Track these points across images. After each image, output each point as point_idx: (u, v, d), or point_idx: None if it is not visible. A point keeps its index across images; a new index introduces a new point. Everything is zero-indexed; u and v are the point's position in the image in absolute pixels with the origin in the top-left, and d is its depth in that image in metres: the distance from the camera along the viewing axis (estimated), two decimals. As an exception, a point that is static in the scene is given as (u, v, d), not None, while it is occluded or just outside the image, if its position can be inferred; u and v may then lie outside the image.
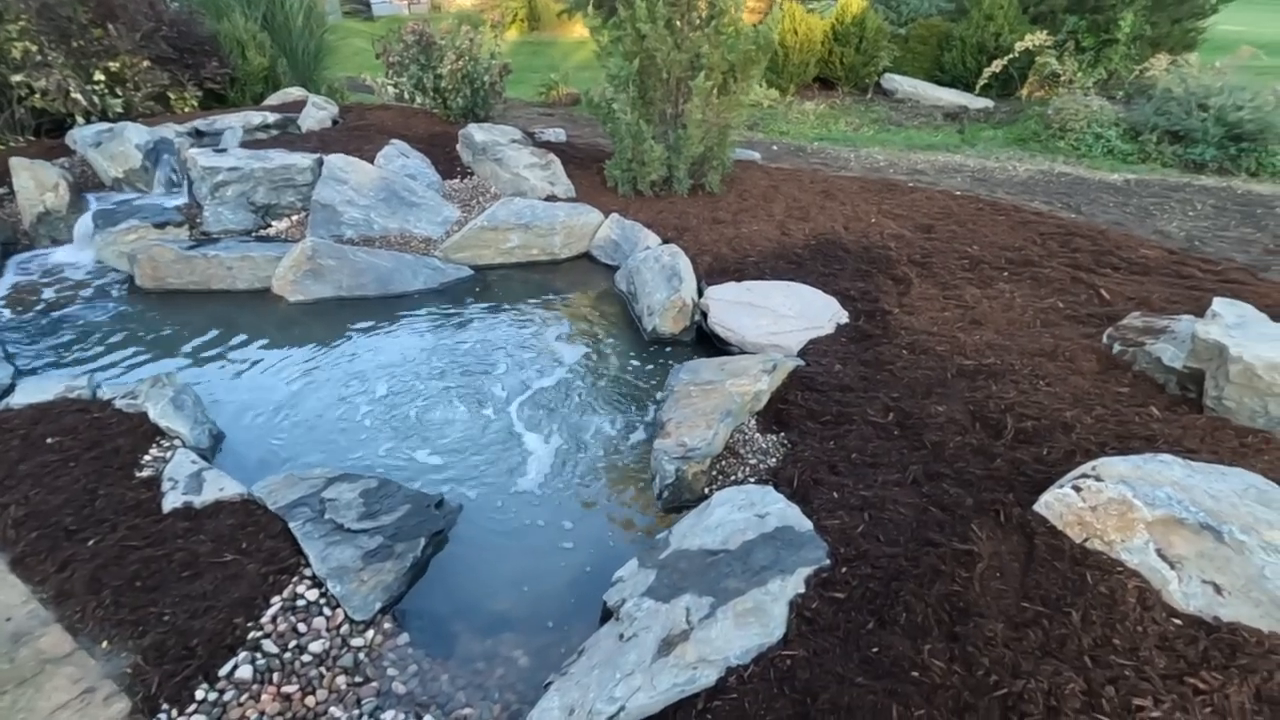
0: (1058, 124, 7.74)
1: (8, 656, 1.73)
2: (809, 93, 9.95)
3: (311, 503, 2.22)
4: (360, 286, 3.97)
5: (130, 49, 5.50)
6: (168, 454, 2.48)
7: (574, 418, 2.98)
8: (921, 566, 1.84)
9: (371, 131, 5.39)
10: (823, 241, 4.31)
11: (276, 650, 1.77)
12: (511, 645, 1.99)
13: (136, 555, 2.01)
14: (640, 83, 4.58)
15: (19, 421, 2.60)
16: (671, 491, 2.41)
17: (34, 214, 4.50)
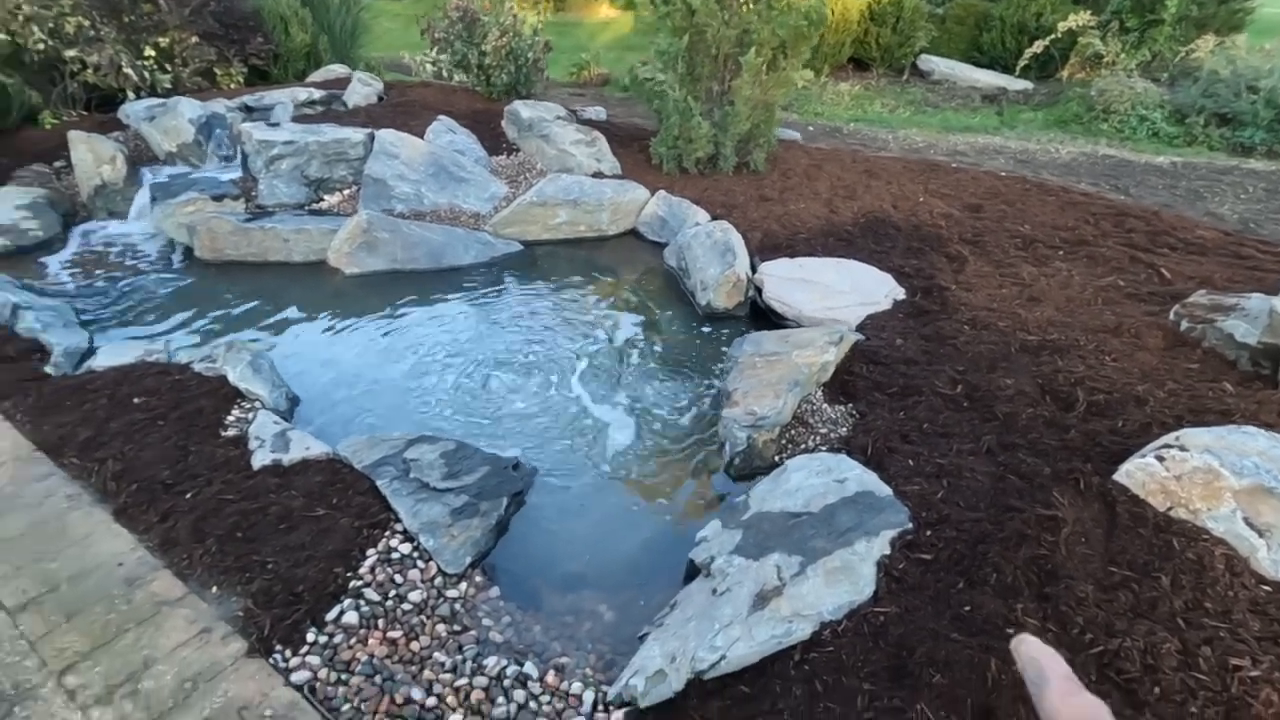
0: (1101, 106, 7.62)
1: (125, 598, 1.80)
2: (843, 74, 9.84)
3: (395, 462, 2.28)
4: (413, 260, 4.01)
5: (179, 24, 5.56)
6: (249, 415, 2.55)
7: (635, 387, 3.02)
8: (1006, 531, 1.87)
9: (416, 108, 5.43)
10: (871, 220, 4.30)
11: (378, 598, 1.83)
12: (594, 601, 2.04)
13: (234, 508, 2.08)
14: (688, 59, 4.56)
15: (103, 383, 2.67)
16: (742, 458, 2.45)
17: (91, 187, 4.59)
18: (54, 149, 5.01)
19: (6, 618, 1.74)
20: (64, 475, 2.24)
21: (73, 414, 2.49)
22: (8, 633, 1.70)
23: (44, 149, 5.08)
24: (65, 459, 2.29)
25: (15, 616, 1.74)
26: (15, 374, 2.72)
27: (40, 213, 4.24)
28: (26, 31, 5.00)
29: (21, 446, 2.35)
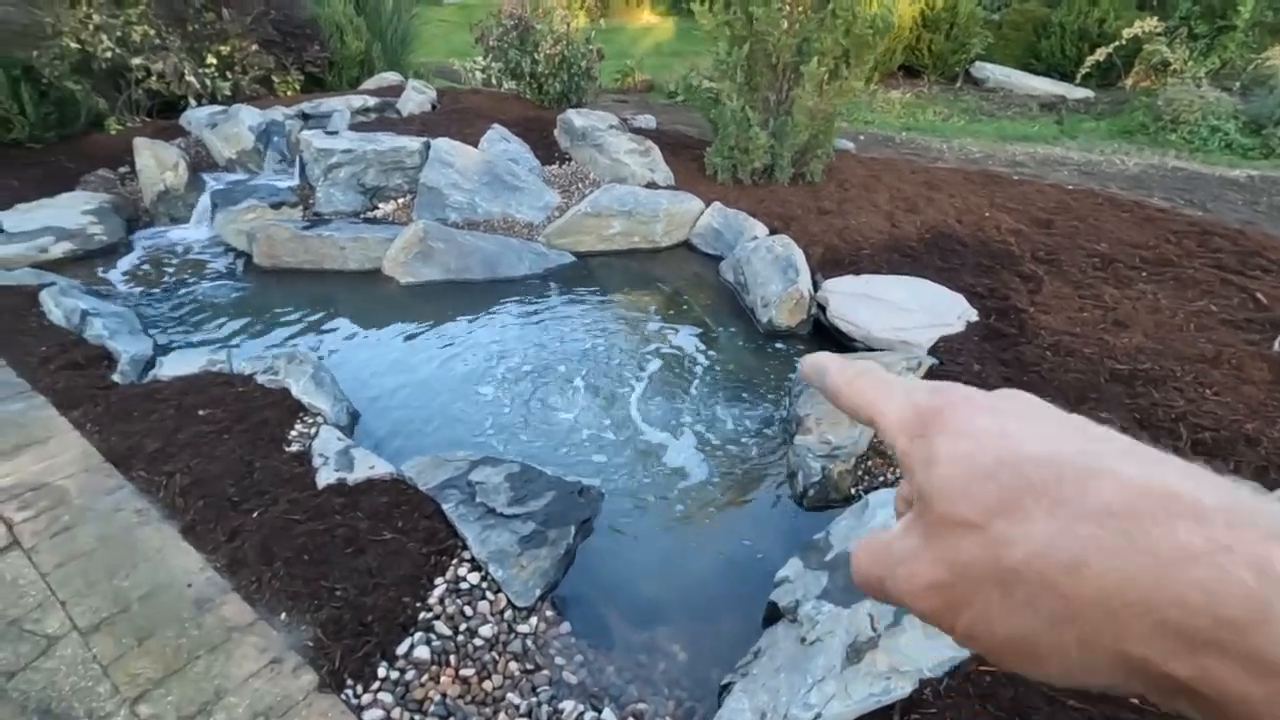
0: (1169, 116, 7.30)
1: (195, 622, 1.77)
2: (893, 81, 9.63)
3: (460, 485, 2.23)
4: (467, 270, 3.99)
5: (240, 33, 5.65)
6: (312, 430, 2.52)
7: (697, 409, 2.93)
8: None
9: (470, 115, 5.42)
10: (936, 235, 4.14)
11: (449, 632, 1.77)
12: (667, 638, 1.95)
13: (301, 529, 2.04)
14: (747, 68, 4.46)
15: (170, 392, 2.68)
16: (817, 490, 2.34)
17: (154, 192, 4.67)
18: (119, 154, 5.13)
19: (79, 639, 1.72)
20: (133, 488, 2.23)
21: (140, 424, 2.49)
22: (81, 655, 1.68)
23: (110, 154, 5.20)
24: (134, 471, 2.29)
25: (88, 638, 1.72)
26: (85, 381, 2.74)
27: (105, 218, 4.33)
28: (96, 40, 5.12)
29: (92, 457, 2.36)
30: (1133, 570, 0.22)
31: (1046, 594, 0.23)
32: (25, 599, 1.82)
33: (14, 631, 1.73)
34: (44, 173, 4.95)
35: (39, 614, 1.78)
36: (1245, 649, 0.20)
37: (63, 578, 1.89)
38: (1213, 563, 0.21)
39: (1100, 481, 0.23)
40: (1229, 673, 0.20)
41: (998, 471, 0.25)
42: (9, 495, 2.18)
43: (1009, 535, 0.24)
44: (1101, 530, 0.22)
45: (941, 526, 0.26)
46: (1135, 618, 0.21)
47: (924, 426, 0.29)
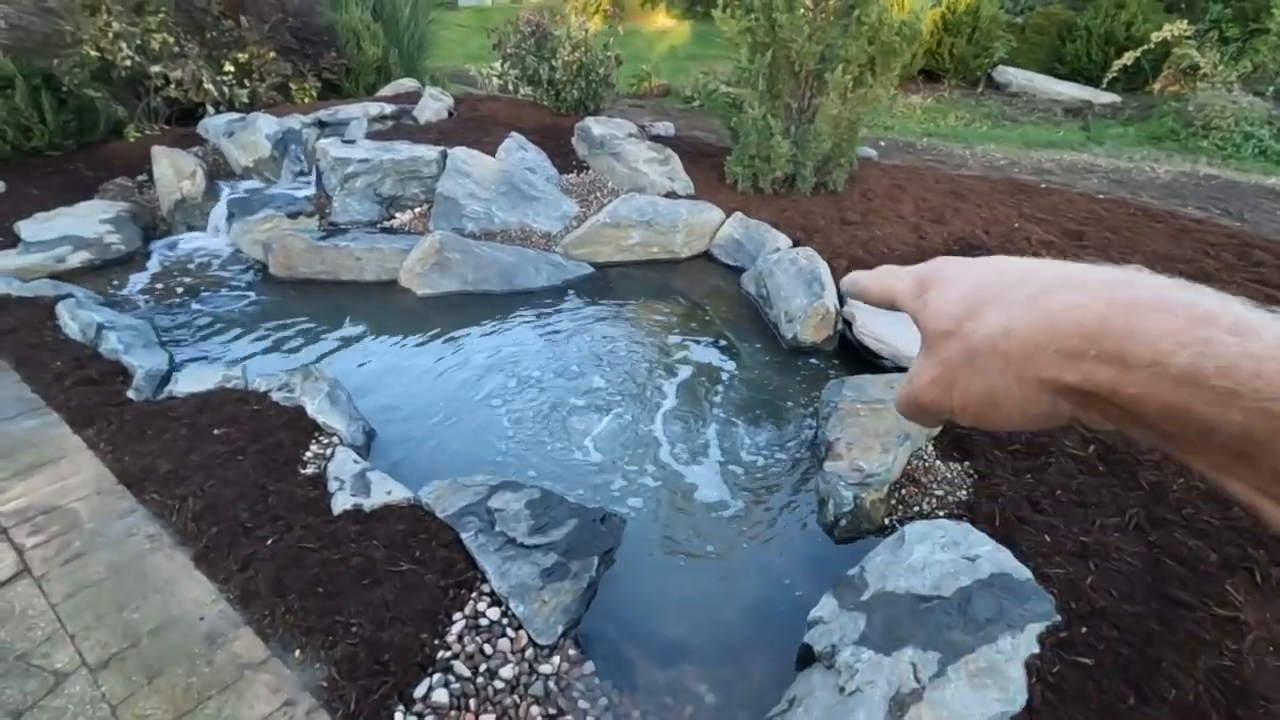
0: (1200, 121, 7.13)
1: (206, 659, 1.71)
2: (913, 86, 9.50)
3: (479, 512, 2.16)
4: (484, 281, 3.92)
5: (258, 40, 5.64)
6: (327, 450, 2.46)
7: (721, 430, 2.85)
8: (1178, 633, 1.63)
9: (487, 123, 5.37)
10: (964, 247, 4.03)
11: (468, 673, 1.70)
12: (694, 679, 1.87)
13: (315, 558, 1.98)
14: (769, 75, 4.38)
15: (184, 410, 2.63)
16: (849, 520, 2.25)
17: (172, 201, 4.66)
18: (137, 162, 5.12)
19: (88, 676, 1.66)
20: (145, 512, 2.18)
21: (154, 444, 2.45)
22: (90, 694, 1.62)
23: (128, 162, 5.20)
24: (146, 494, 2.24)
25: (97, 675, 1.67)
26: (99, 398, 2.70)
27: (123, 227, 4.31)
28: (115, 48, 5.12)
29: (104, 478, 2.31)
30: (1038, 324, 0.32)
31: (993, 356, 0.34)
32: (34, 631, 1.77)
33: (21, 667, 1.68)
34: (63, 181, 4.96)
35: (47, 648, 1.73)
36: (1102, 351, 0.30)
37: (72, 609, 1.83)
38: (1082, 305, 0.31)
39: (1029, 280, 0.34)
40: (1100, 371, 0.30)
41: (964, 296, 0.37)
42: (21, 519, 2.13)
43: (971, 329, 0.35)
44: (1024, 307, 0.33)
45: (932, 341, 0.39)
46: (1042, 351, 0.32)
47: (922, 288, 0.41)
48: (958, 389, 0.37)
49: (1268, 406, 0.26)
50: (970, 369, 0.36)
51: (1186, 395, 0.28)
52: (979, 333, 0.35)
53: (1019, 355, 0.33)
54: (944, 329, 0.37)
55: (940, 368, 0.38)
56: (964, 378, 0.36)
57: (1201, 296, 0.30)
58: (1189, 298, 0.30)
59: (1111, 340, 0.30)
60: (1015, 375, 0.33)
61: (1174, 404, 0.28)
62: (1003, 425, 0.36)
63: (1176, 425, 0.29)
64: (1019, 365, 0.33)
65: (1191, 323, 0.28)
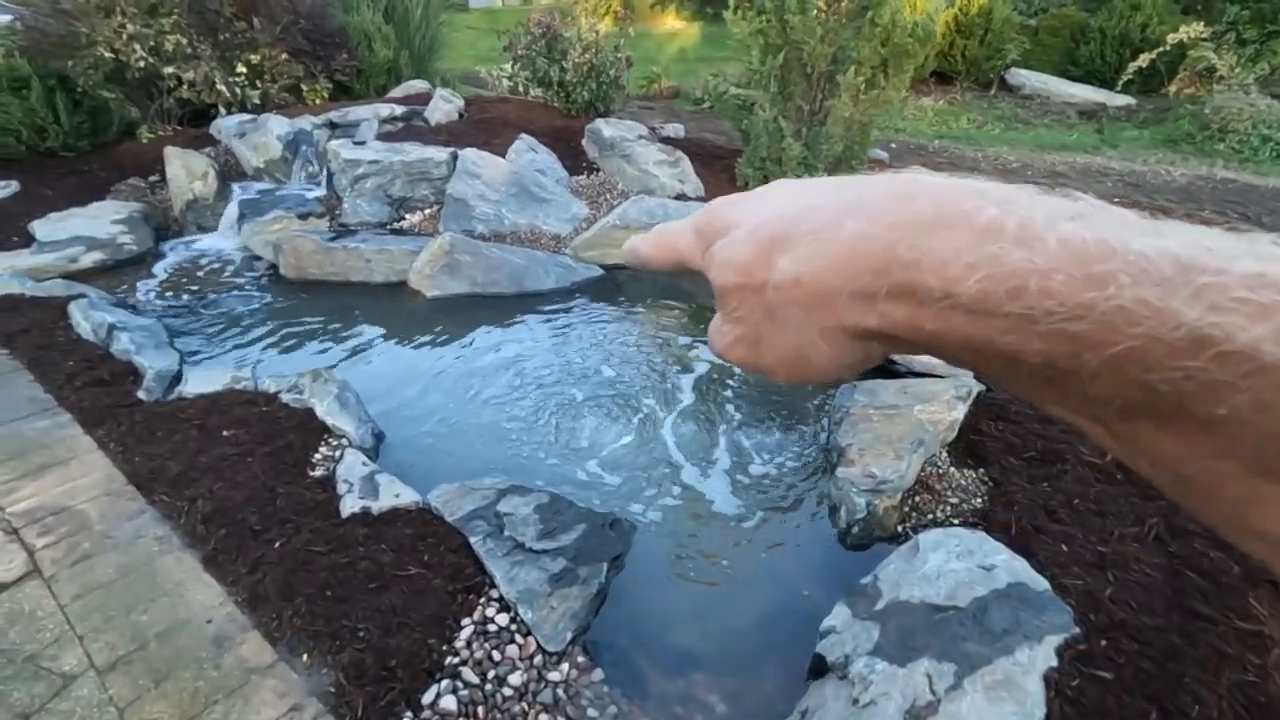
0: (1216, 124, 7.05)
1: (213, 662, 1.70)
2: (924, 88, 9.44)
3: (487, 516, 2.14)
4: (494, 283, 3.92)
5: (270, 42, 5.67)
6: (336, 453, 2.46)
7: (731, 434, 2.82)
8: (1200, 647, 1.59)
9: (497, 125, 5.37)
10: (978, 251, 3.99)
11: (476, 680, 1.68)
12: (704, 688, 1.85)
13: (323, 562, 1.97)
14: (781, 77, 4.35)
15: (194, 411, 2.63)
16: (861, 527, 2.22)
17: (184, 201, 4.68)
18: (150, 163, 5.16)
19: (96, 679, 1.65)
20: (154, 513, 2.18)
21: (164, 445, 2.45)
22: (97, 697, 1.61)
23: (141, 162, 5.24)
24: (156, 495, 2.23)
25: (104, 677, 1.66)
26: (110, 399, 2.70)
27: (135, 227, 4.34)
28: (129, 49, 5.15)
29: (114, 479, 2.31)
30: (828, 264, 0.28)
31: (790, 307, 0.30)
32: (43, 633, 1.77)
33: (30, 669, 1.67)
34: (77, 181, 5.00)
35: (56, 649, 1.73)
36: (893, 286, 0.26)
37: (81, 610, 1.83)
38: (867, 234, 0.27)
39: (812, 215, 0.30)
40: (895, 310, 0.27)
41: (749, 241, 0.32)
42: (31, 519, 2.13)
43: (763, 279, 0.31)
44: (810, 247, 0.29)
45: (724, 296, 0.34)
46: (837, 296, 0.28)
47: (706, 241, 0.36)
48: (763, 347, 0.33)
49: (1063, 328, 0.23)
50: (771, 324, 0.32)
51: (983, 327, 0.25)
52: (771, 283, 0.31)
53: (814, 304, 0.29)
54: (734, 282, 0.32)
55: (740, 325, 0.33)
56: (767, 334, 0.32)
57: (983, 198, 0.26)
58: (970, 204, 0.26)
59: (900, 273, 0.26)
60: (817, 327, 0.30)
61: (974, 338, 0.25)
62: (817, 379, 0.33)
63: (982, 359, 0.26)
64: (818, 315, 0.29)
65: (977, 238, 0.25)
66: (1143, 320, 0.22)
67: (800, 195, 0.32)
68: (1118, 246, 0.23)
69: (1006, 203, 0.25)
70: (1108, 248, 0.23)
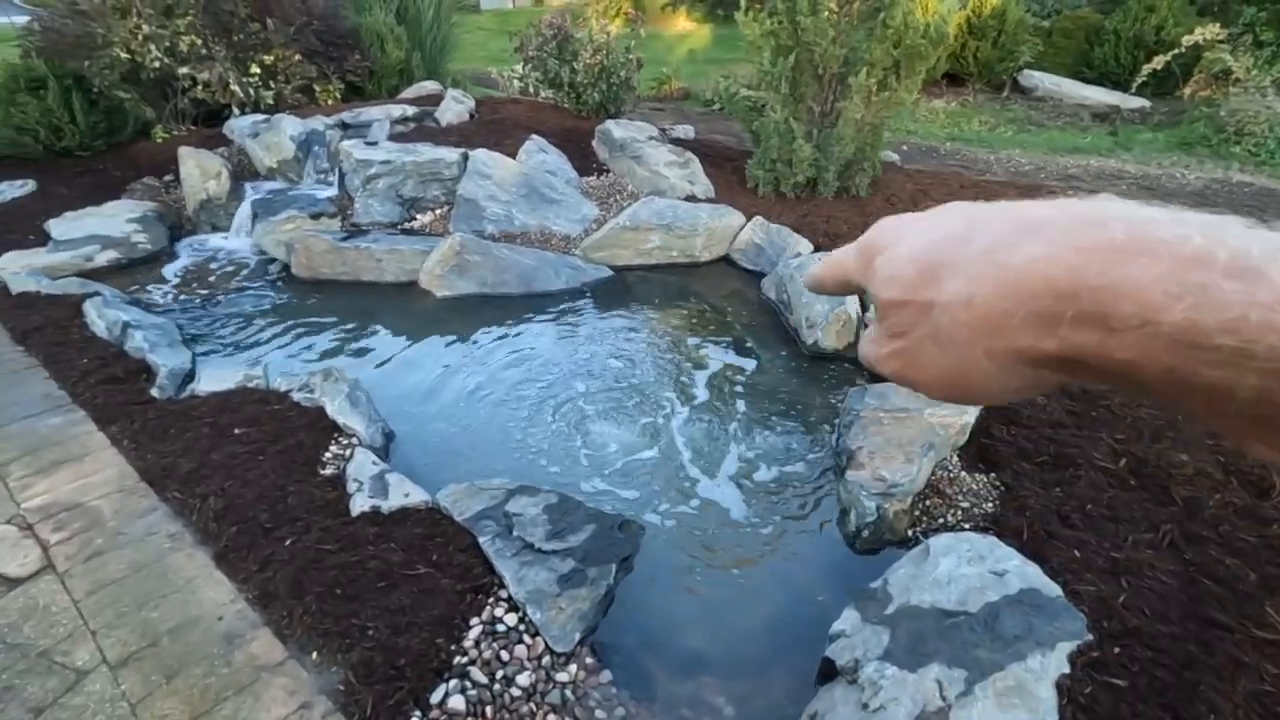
0: (1232, 127, 6.97)
1: (224, 659, 1.71)
2: (936, 89, 9.40)
3: (496, 516, 2.14)
4: (503, 284, 3.93)
5: (283, 42, 5.71)
6: (346, 451, 2.47)
7: (741, 435, 2.82)
8: (1217, 655, 1.57)
9: (508, 126, 5.39)
10: (990, 253, 3.96)
11: (485, 680, 1.68)
12: (712, 690, 1.84)
13: (333, 560, 1.98)
14: (792, 79, 4.34)
15: (206, 409, 2.65)
16: (871, 531, 2.20)
17: (197, 201, 4.72)
18: (164, 162, 5.20)
19: (109, 674, 1.67)
20: (167, 510, 2.19)
21: (176, 442, 2.46)
22: (110, 692, 1.62)
23: (156, 162, 5.28)
24: (168, 492, 2.25)
25: (117, 673, 1.67)
26: (124, 396, 2.73)
27: (149, 226, 4.37)
28: (145, 50, 5.20)
29: (127, 476, 2.33)
30: (1002, 286, 0.28)
31: (957, 328, 0.30)
32: (56, 628, 1.78)
33: (44, 664, 1.69)
34: (92, 180, 5.05)
35: (69, 645, 1.74)
36: (1080, 311, 0.26)
37: (94, 606, 1.85)
38: (1048, 257, 0.27)
39: (980, 234, 0.30)
40: (1081, 335, 0.26)
41: (912, 260, 0.32)
42: (45, 515, 2.16)
43: (929, 298, 0.31)
44: (981, 268, 0.29)
45: (885, 310, 0.35)
46: (1010, 319, 0.28)
47: (868, 259, 0.36)
48: (923, 365, 0.33)
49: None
50: (935, 343, 0.32)
51: (1188, 357, 0.24)
52: (938, 302, 0.31)
53: (985, 326, 0.29)
54: (897, 298, 0.33)
55: (899, 341, 0.34)
56: (928, 353, 0.33)
57: (1186, 227, 0.25)
58: (1173, 233, 0.25)
59: (1089, 297, 0.25)
60: (984, 349, 0.29)
61: (1175, 368, 0.24)
62: (979, 400, 0.34)
63: (1181, 390, 0.25)
64: (987, 337, 0.29)
65: (1180, 266, 0.24)
66: None
67: (970, 216, 0.32)
68: None
69: (1214, 230, 0.25)
70: None
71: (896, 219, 0.37)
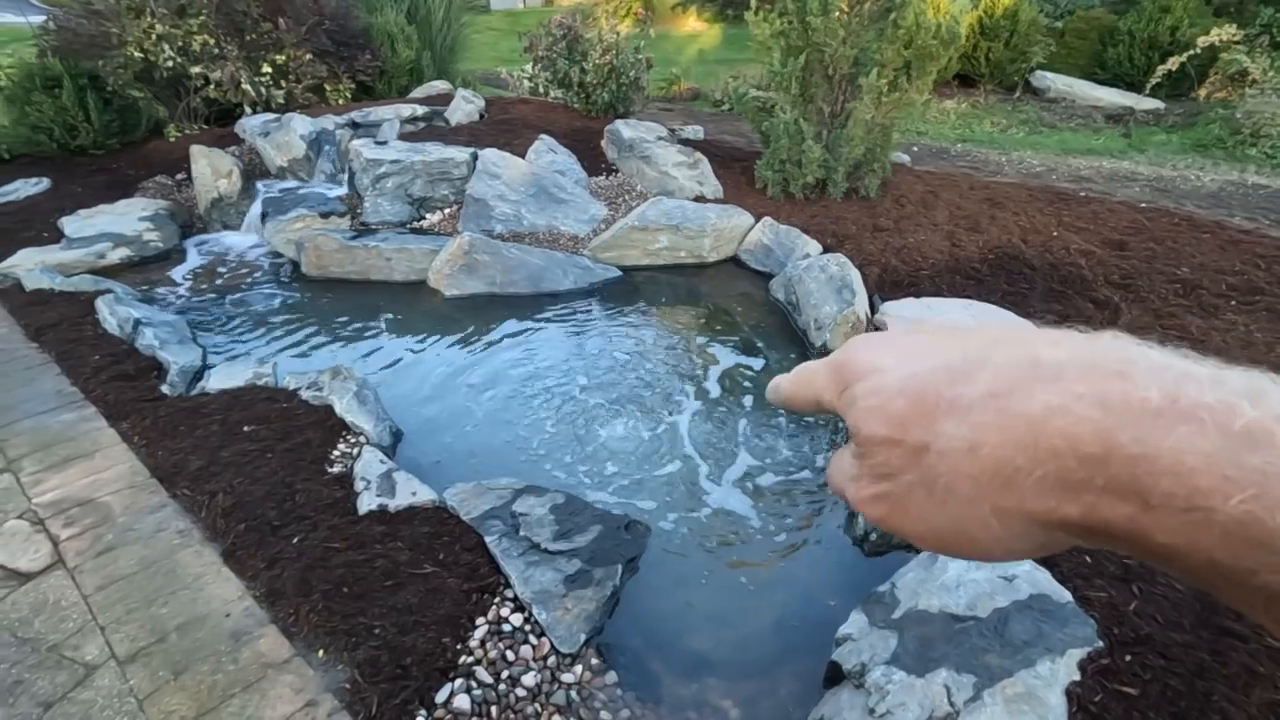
0: (1248, 129, 6.90)
1: (231, 656, 1.72)
2: (947, 90, 9.34)
3: (503, 516, 2.14)
4: (512, 283, 3.93)
5: (295, 42, 5.74)
6: (354, 450, 2.47)
7: (748, 437, 2.80)
8: (1231, 665, 1.55)
9: (518, 126, 5.39)
10: (1001, 256, 3.93)
11: (490, 680, 1.68)
12: (718, 693, 1.83)
13: (340, 559, 1.98)
14: (802, 79, 4.32)
15: (216, 407, 2.67)
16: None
17: (209, 199, 4.75)
18: (176, 161, 5.24)
19: (117, 669, 1.68)
20: (176, 507, 2.21)
21: (186, 440, 2.48)
22: (118, 687, 1.63)
23: (168, 161, 5.33)
24: (178, 489, 2.26)
25: (125, 668, 1.68)
26: (135, 393, 2.75)
27: (161, 224, 4.41)
28: (158, 49, 5.25)
29: (138, 473, 2.35)
30: (1013, 438, 0.25)
31: (958, 479, 0.27)
32: (66, 623, 1.80)
33: (54, 658, 1.70)
34: (106, 179, 5.09)
35: (78, 640, 1.75)
36: (1108, 479, 0.23)
37: (103, 601, 1.86)
38: (1066, 410, 0.24)
39: (981, 372, 0.27)
40: (1112, 508, 0.23)
41: (902, 391, 0.29)
42: (57, 510, 2.17)
43: (923, 442, 0.28)
44: (986, 414, 0.26)
45: (869, 447, 0.31)
46: (1024, 477, 0.25)
47: (843, 382, 0.33)
48: (914, 516, 0.30)
49: None
50: (928, 493, 0.28)
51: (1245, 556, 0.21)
52: (934, 448, 0.27)
53: (993, 482, 0.26)
54: (883, 435, 0.29)
55: (885, 484, 0.30)
56: (920, 503, 0.29)
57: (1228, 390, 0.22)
58: (1213, 397, 0.22)
59: (1122, 466, 0.22)
60: (992, 506, 0.26)
61: (1227, 565, 0.21)
62: (977, 558, 0.29)
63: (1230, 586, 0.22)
64: (995, 494, 0.26)
65: (1232, 444, 0.21)
66: None
67: (966, 348, 0.29)
68: None
69: (1259, 397, 0.21)
70: None
71: (873, 338, 0.33)
